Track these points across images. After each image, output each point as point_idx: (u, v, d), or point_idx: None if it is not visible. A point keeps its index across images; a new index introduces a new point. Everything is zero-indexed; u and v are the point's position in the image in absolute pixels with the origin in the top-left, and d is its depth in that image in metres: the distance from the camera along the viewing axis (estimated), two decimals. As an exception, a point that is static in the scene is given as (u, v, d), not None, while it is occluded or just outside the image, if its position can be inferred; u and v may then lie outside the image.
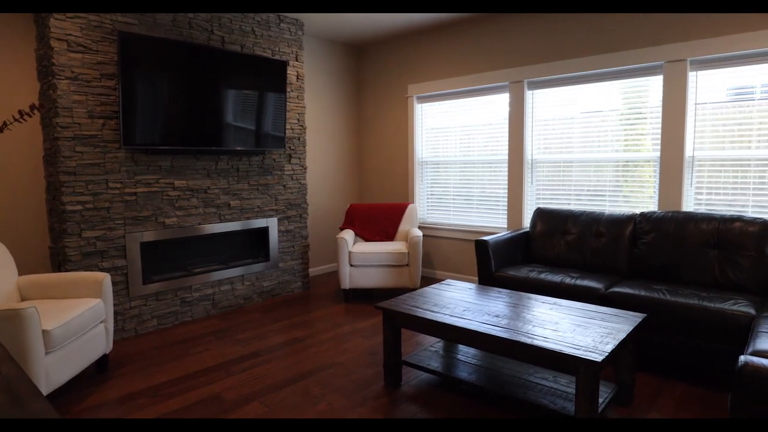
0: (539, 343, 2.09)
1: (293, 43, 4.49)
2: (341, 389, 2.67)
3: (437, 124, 5.09)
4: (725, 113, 3.39)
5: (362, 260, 4.20)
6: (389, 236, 4.66)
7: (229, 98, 3.86)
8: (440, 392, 2.62)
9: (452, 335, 2.39)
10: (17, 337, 2.23)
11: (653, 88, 3.69)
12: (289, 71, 4.46)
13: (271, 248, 4.43)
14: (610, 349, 2.00)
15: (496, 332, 2.23)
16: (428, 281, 5.04)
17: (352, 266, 4.25)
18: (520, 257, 3.87)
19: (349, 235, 4.38)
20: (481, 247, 3.59)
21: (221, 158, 4.02)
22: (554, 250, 3.74)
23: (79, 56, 3.22)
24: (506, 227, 4.60)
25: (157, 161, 3.63)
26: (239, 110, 3.94)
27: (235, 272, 4.18)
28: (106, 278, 2.90)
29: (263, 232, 4.42)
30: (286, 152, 4.51)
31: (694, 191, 3.56)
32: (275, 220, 4.45)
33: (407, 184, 5.38)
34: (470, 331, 2.29)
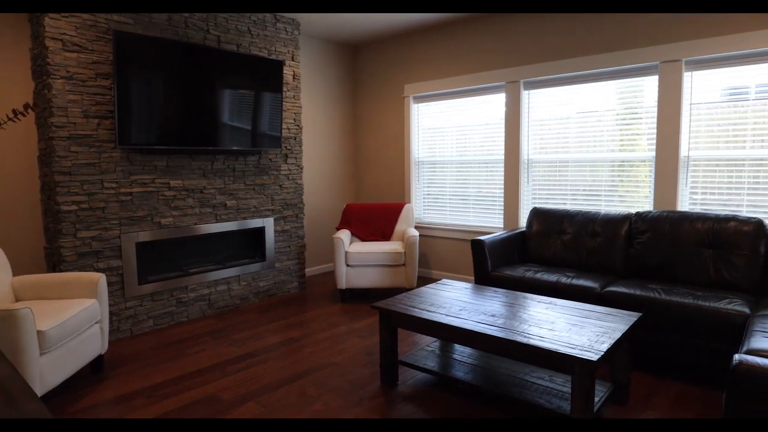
0: (535, 342, 2.09)
1: (289, 42, 4.49)
2: (337, 389, 2.67)
3: (434, 124, 5.09)
4: (720, 113, 3.41)
5: (359, 260, 4.20)
6: (386, 236, 4.66)
7: (225, 98, 3.86)
8: (437, 392, 2.62)
9: (449, 335, 2.39)
10: (11, 337, 2.22)
11: (649, 88, 3.71)
12: (285, 71, 4.45)
13: (267, 248, 4.42)
14: (605, 348, 2.01)
15: (492, 332, 2.23)
16: (425, 281, 5.05)
17: (348, 266, 4.24)
18: (516, 257, 3.88)
19: (345, 235, 4.38)
20: (477, 246, 3.60)
21: (217, 158, 4.02)
22: (550, 249, 3.75)
23: (74, 55, 3.21)
24: (502, 227, 4.61)
25: (152, 161, 3.62)
26: (235, 110, 3.94)
27: (231, 272, 4.17)
28: (101, 278, 2.89)
29: (259, 232, 4.41)
30: (282, 152, 4.50)
31: (689, 191, 3.57)
32: (271, 220, 4.44)
33: (404, 183, 5.38)
34: (466, 330, 2.29)
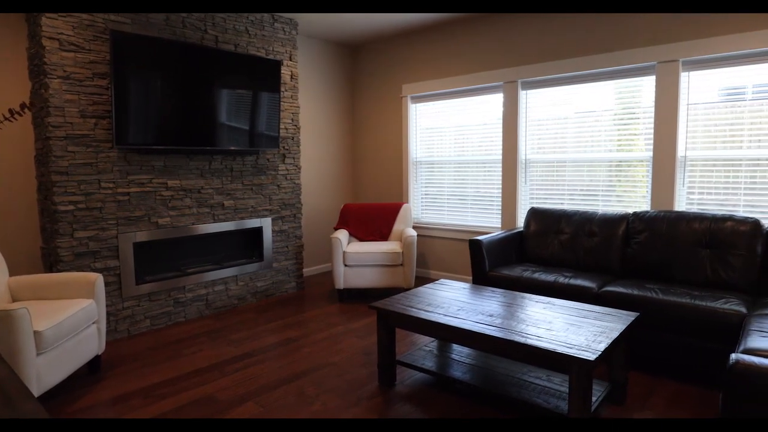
0: (533, 342, 2.10)
1: (287, 42, 4.48)
2: (335, 389, 2.66)
3: (431, 124, 5.09)
4: (717, 113, 3.42)
5: (356, 260, 4.20)
6: (383, 236, 4.66)
7: (222, 98, 3.85)
8: (434, 392, 2.62)
9: (446, 335, 2.39)
10: (8, 338, 2.21)
11: (646, 88, 3.71)
12: (283, 71, 4.45)
13: (265, 248, 4.42)
14: (603, 347, 2.01)
15: (490, 331, 2.23)
16: (422, 281, 5.05)
17: (346, 266, 4.24)
18: (513, 257, 3.88)
19: (343, 234, 4.38)
20: (475, 246, 3.60)
21: (215, 158, 4.01)
22: (548, 249, 3.75)
23: (71, 55, 3.20)
24: (500, 227, 4.62)
25: (150, 161, 3.62)
26: (233, 110, 3.93)
27: (228, 272, 4.17)
28: (98, 279, 2.88)
29: (257, 232, 4.40)
30: (280, 152, 4.50)
31: (686, 191, 3.58)
32: (269, 220, 4.44)
33: (401, 183, 5.38)
34: (464, 330, 2.29)
